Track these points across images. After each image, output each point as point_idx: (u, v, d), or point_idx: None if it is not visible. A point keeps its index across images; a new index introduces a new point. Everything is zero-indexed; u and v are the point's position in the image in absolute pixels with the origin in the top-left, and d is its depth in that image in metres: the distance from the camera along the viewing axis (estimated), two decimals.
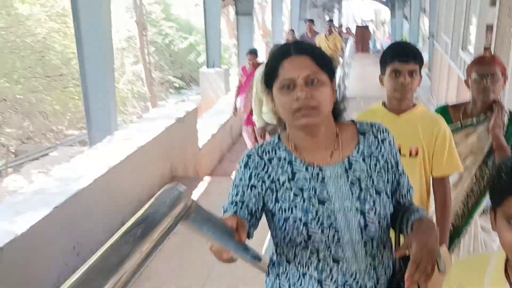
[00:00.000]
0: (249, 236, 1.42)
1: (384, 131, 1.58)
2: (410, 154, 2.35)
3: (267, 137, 6.00)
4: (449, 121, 2.68)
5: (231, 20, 20.57)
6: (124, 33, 16.84)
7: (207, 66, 10.72)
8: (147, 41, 16.77)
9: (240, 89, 7.10)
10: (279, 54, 1.47)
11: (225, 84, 10.64)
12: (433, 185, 2.43)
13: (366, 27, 30.61)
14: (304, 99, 1.40)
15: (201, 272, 3.85)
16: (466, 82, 2.78)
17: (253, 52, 7.01)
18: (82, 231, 3.83)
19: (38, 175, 7.37)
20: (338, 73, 7.42)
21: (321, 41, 9.89)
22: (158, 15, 20.44)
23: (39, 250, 3.32)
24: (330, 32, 10.31)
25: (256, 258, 1.63)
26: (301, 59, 1.45)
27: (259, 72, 5.30)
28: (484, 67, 2.67)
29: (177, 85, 21.75)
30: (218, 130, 7.66)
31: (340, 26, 23.12)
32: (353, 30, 28.47)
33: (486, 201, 2.71)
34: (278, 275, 1.57)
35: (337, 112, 1.55)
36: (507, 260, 1.33)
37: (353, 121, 1.59)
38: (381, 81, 2.40)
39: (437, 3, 12.18)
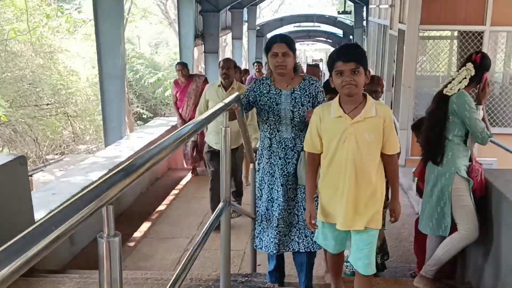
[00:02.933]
0: (246, 109, 3.23)
1: (315, 80, 3.17)
2: None
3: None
4: None
5: (194, 57, 22.79)
6: None
7: None
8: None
9: (179, 103, 7.21)
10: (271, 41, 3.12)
11: None
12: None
13: (316, 65, 33.25)
14: (280, 62, 3.03)
15: (199, 216, 5.90)
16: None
17: (182, 64, 7.32)
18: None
19: (61, 172, 9.17)
20: None
21: None
22: (129, 53, 22.52)
23: None
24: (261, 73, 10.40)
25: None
26: (281, 45, 3.04)
27: (210, 90, 5.30)
28: (373, 85, 3.66)
29: (145, 116, 23.58)
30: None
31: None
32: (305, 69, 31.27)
33: None
34: (263, 138, 3.28)
35: (295, 69, 3.15)
36: (340, 97, 2.57)
37: (302, 74, 3.34)
38: None
39: (369, 45, 14.90)
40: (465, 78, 3.32)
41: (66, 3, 19.59)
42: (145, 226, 5.49)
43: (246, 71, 13.21)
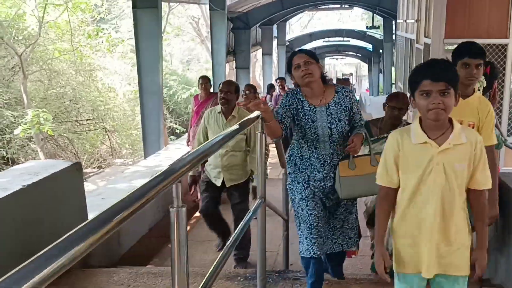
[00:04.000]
0: (284, 131, 3.06)
1: (348, 91, 3.10)
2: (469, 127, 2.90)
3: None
4: (370, 134, 3.62)
5: (226, 73, 23.34)
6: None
7: None
8: None
9: (192, 119, 6.79)
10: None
11: None
12: None
13: (346, 79, 33.57)
14: (305, 70, 2.95)
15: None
16: (384, 107, 3.81)
17: (206, 77, 6.87)
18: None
19: (104, 182, 9.77)
20: None
21: None
22: (163, 69, 23.33)
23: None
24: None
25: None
26: (300, 55, 3.01)
27: (209, 116, 4.56)
28: (398, 102, 3.74)
29: (178, 131, 24.20)
30: None
31: None
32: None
33: None
34: (298, 148, 3.17)
35: (323, 79, 3.07)
36: (420, 120, 2.18)
37: (334, 84, 3.19)
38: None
39: (397, 59, 15.15)
40: (479, 90, 3.58)
41: (103, 23, 20.48)
42: None
43: (272, 86, 13.59)
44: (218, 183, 4.52)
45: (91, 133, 15.87)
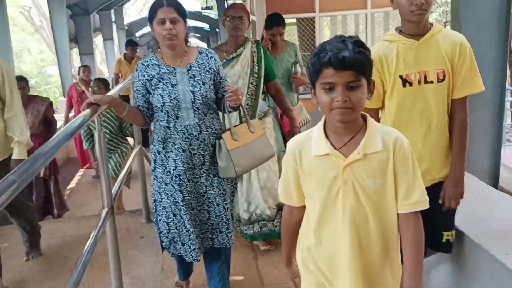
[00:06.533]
0: (147, 109, 2.70)
1: (212, 53, 2.70)
2: (438, 79, 2.18)
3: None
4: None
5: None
6: None
7: (64, 96, 13.44)
8: None
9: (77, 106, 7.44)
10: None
11: None
12: (452, 108, 2.24)
13: None
14: (169, 30, 2.50)
15: None
16: (222, 23, 3.41)
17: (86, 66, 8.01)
18: None
19: None
20: None
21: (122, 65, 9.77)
22: None
23: None
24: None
25: None
26: (168, 9, 2.49)
27: None
28: (235, 10, 3.35)
29: None
30: None
31: None
32: None
33: (258, 107, 3.55)
34: (156, 129, 2.72)
35: (186, 41, 2.65)
36: (326, 123, 1.64)
37: (197, 47, 2.70)
38: (392, 2, 2.20)
39: None
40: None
41: None
42: None
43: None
44: None
45: None
